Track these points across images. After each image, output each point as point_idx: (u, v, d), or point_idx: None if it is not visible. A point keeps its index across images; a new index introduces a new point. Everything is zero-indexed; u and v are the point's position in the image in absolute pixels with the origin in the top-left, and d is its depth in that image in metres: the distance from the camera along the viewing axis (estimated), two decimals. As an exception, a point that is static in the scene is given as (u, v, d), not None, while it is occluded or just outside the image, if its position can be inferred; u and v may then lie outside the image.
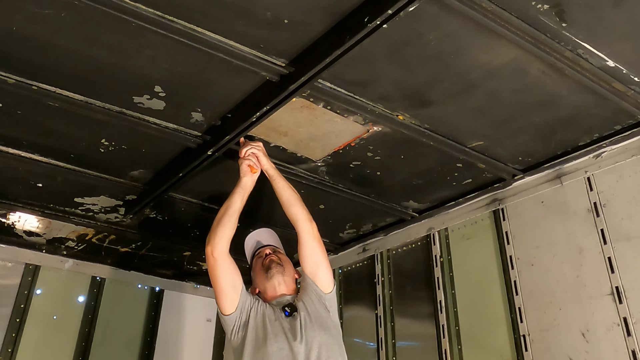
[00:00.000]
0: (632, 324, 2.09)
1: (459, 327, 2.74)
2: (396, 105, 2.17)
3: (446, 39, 1.79)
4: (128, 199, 3.00)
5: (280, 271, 2.24)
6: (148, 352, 3.73)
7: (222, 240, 2.11)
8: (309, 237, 2.22)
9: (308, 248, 2.22)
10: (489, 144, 2.43)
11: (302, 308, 2.10)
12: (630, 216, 2.22)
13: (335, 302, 2.25)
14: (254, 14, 1.72)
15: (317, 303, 2.15)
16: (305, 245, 2.22)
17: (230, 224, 2.15)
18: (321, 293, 2.19)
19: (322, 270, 2.22)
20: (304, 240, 2.23)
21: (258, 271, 2.29)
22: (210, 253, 2.10)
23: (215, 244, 2.10)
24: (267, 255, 2.30)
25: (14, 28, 1.77)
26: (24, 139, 2.44)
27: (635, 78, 1.98)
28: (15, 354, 3.22)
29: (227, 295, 2.10)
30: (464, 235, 2.90)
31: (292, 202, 2.25)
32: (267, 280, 2.23)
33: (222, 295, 2.11)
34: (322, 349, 1.99)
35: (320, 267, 2.22)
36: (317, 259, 2.22)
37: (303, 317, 2.06)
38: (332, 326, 2.12)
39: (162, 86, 2.08)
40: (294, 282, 2.30)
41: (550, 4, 1.64)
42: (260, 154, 2.29)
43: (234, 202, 2.20)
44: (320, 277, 2.21)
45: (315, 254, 2.22)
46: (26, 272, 3.41)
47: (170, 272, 3.99)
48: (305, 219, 2.23)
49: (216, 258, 2.09)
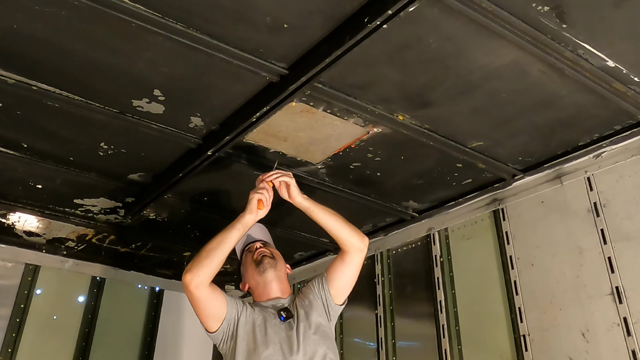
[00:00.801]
0: (632, 324, 2.09)
1: (459, 327, 2.74)
2: (396, 107, 2.17)
3: (446, 41, 1.78)
4: (127, 201, 3.00)
5: (272, 265, 2.13)
6: (148, 352, 3.74)
7: (207, 275, 1.91)
8: (360, 253, 2.11)
9: (352, 263, 2.11)
10: (489, 144, 2.43)
11: (301, 316, 2.01)
12: (630, 216, 2.22)
13: (338, 315, 2.16)
14: (254, 18, 1.71)
15: (320, 310, 2.06)
16: (351, 261, 2.10)
17: (219, 260, 1.93)
18: (331, 302, 2.09)
19: (348, 285, 2.12)
20: (353, 256, 2.10)
21: (248, 266, 2.18)
22: (188, 283, 1.88)
23: (197, 276, 1.88)
24: (258, 249, 2.19)
25: (14, 26, 1.76)
26: (23, 140, 2.44)
27: (635, 78, 1.98)
28: (15, 354, 3.22)
29: (214, 317, 1.96)
30: (464, 235, 2.90)
31: (339, 230, 2.09)
32: (258, 275, 2.12)
33: (208, 318, 1.96)
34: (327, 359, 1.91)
35: (349, 281, 2.12)
36: (353, 274, 2.12)
37: (302, 326, 1.97)
38: (331, 335, 2.04)
39: (161, 90, 2.07)
40: (286, 278, 2.21)
41: (551, 6, 1.64)
42: (292, 183, 2.08)
43: (230, 239, 1.97)
44: (343, 290, 2.11)
45: (354, 269, 2.12)
46: (26, 272, 3.41)
47: (170, 272, 3.99)
48: (359, 239, 2.10)
49: (193, 291, 1.89)
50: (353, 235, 2.10)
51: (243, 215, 2.03)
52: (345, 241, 2.09)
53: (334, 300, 2.10)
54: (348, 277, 2.12)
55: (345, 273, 2.12)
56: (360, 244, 2.10)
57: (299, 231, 3.34)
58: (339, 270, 2.12)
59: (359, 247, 2.10)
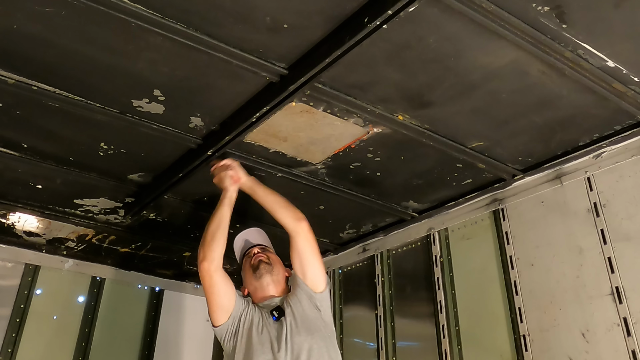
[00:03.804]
0: (632, 324, 2.10)
1: (459, 327, 2.74)
2: (396, 107, 2.17)
3: (446, 41, 1.78)
4: (127, 201, 3.00)
5: (268, 270, 2.21)
6: (148, 352, 3.73)
7: (218, 255, 2.09)
8: (297, 236, 2.20)
9: (296, 247, 2.20)
10: (489, 144, 2.43)
11: (289, 313, 2.06)
12: (630, 216, 2.22)
13: (328, 301, 2.21)
14: (254, 18, 1.71)
15: (307, 304, 2.11)
16: (293, 244, 2.20)
17: (223, 237, 2.13)
18: (312, 293, 2.15)
19: (312, 269, 2.18)
20: (293, 239, 2.21)
21: (247, 271, 2.26)
22: (207, 269, 2.06)
23: (212, 260, 2.07)
24: (256, 255, 2.27)
25: (14, 26, 1.76)
26: (23, 140, 2.44)
27: (635, 78, 1.98)
28: (15, 354, 3.22)
29: (223, 308, 2.07)
30: (464, 235, 2.90)
31: (276, 207, 2.23)
32: (255, 280, 2.20)
33: (218, 309, 2.08)
34: (312, 354, 1.96)
35: (310, 265, 2.18)
36: (307, 258, 2.18)
37: (289, 322, 2.02)
38: (322, 326, 2.08)
39: (161, 90, 2.07)
40: (284, 281, 2.27)
41: (551, 6, 1.64)
42: (236, 165, 2.29)
43: (225, 215, 2.18)
44: (311, 276, 2.17)
45: (304, 253, 2.18)
46: (26, 272, 3.41)
47: (170, 272, 3.99)
48: (292, 219, 2.21)
49: (212, 275, 2.06)
50: (290, 217, 2.21)
51: (226, 191, 2.24)
52: (283, 222, 2.22)
53: (313, 290, 2.15)
54: (304, 260, 2.18)
55: (300, 258, 2.19)
56: (297, 225, 2.19)
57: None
58: (294, 257, 2.21)
59: (296, 229, 2.19)
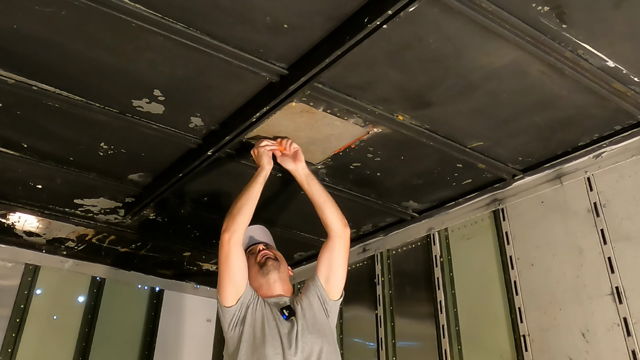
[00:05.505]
0: (632, 324, 2.10)
1: (459, 327, 2.74)
2: (396, 107, 2.17)
3: (446, 41, 1.78)
4: (127, 201, 3.00)
5: (276, 267, 2.20)
6: (148, 352, 3.74)
7: (241, 228, 2.09)
8: (339, 239, 2.19)
9: (333, 249, 2.18)
10: (489, 144, 2.43)
11: (300, 313, 2.05)
12: (630, 216, 2.22)
13: (337, 311, 2.20)
14: (254, 18, 1.71)
15: (318, 308, 2.11)
16: (331, 245, 2.19)
17: (249, 212, 2.12)
18: (326, 298, 2.14)
19: (336, 276, 2.17)
20: (332, 241, 2.19)
21: (252, 267, 2.22)
22: (227, 240, 2.05)
23: (234, 231, 2.06)
24: (261, 251, 2.25)
25: (14, 26, 1.76)
26: (23, 140, 2.44)
27: (635, 78, 1.98)
28: (15, 354, 3.23)
29: (234, 284, 2.04)
30: (464, 236, 2.90)
31: (328, 204, 2.22)
32: (262, 276, 2.18)
33: (229, 284, 2.04)
34: (322, 356, 1.95)
35: (336, 271, 2.17)
36: (337, 263, 2.17)
37: (301, 325, 2.01)
38: (329, 332, 2.08)
39: (161, 90, 2.07)
40: (288, 280, 2.26)
41: (551, 6, 1.64)
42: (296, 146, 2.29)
43: (256, 190, 2.16)
44: (333, 282, 2.16)
45: (337, 257, 2.18)
46: (26, 272, 3.42)
47: (170, 272, 4.00)
48: (340, 222, 2.21)
49: (231, 246, 2.05)
50: (338, 219, 2.21)
51: (262, 169, 2.22)
52: (329, 221, 2.20)
53: (328, 296, 2.15)
54: (334, 266, 2.17)
55: (331, 262, 2.17)
56: (342, 229, 2.20)
57: (299, 231, 3.34)
58: (325, 259, 2.19)
59: (340, 232, 2.19)
